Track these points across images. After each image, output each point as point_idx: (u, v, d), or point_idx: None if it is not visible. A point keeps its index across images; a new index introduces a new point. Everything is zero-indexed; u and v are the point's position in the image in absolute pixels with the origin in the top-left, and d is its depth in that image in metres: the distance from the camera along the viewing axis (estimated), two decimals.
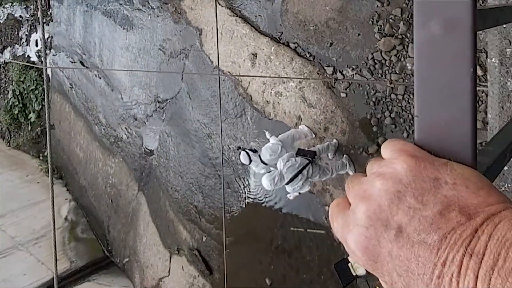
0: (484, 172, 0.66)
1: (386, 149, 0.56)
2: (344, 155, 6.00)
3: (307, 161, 5.17)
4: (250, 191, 7.52)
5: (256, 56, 7.04)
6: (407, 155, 0.52)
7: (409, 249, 0.46)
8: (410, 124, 5.47)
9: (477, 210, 0.45)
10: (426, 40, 0.53)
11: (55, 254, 5.57)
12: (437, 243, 0.44)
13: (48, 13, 11.84)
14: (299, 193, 5.37)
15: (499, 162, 0.77)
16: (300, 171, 5.05)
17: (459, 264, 0.43)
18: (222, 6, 7.45)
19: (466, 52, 0.52)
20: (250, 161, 5.44)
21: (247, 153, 5.41)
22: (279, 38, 6.78)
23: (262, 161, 5.41)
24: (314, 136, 6.34)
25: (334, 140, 6.11)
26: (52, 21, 11.88)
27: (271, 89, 6.88)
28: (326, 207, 6.35)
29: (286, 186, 5.14)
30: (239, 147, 5.76)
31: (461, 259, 0.43)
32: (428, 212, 0.46)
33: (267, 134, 5.74)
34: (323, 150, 5.81)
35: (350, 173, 5.94)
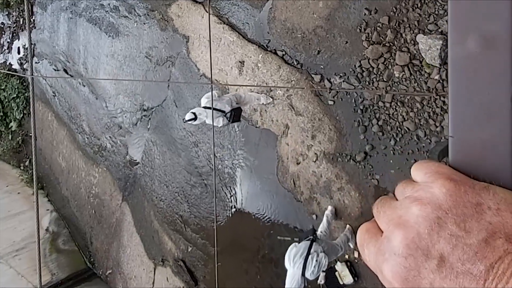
0: None
1: (419, 171, 0.52)
2: (347, 226, 5.84)
3: (310, 240, 4.86)
4: (236, 200, 7.41)
5: (243, 64, 6.99)
6: (444, 178, 0.49)
7: (453, 280, 0.44)
8: (397, 132, 5.44)
9: None
10: (462, 57, 0.51)
11: (40, 267, 5.38)
12: (483, 273, 0.42)
13: (31, 19, 11.66)
14: (324, 272, 4.92)
15: None
16: (308, 253, 4.70)
17: None
18: (209, 14, 7.39)
19: (505, 70, 0.50)
20: (195, 117, 5.73)
21: (193, 113, 5.76)
22: (266, 45, 6.75)
23: (205, 108, 5.72)
24: (271, 100, 6.55)
25: (330, 207, 5.98)
26: (35, 28, 11.70)
27: None
28: (314, 215, 6.27)
29: (306, 277, 4.64)
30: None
31: None
32: (472, 240, 0.44)
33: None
34: (327, 230, 5.51)
35: (351, 246, 5.77)
